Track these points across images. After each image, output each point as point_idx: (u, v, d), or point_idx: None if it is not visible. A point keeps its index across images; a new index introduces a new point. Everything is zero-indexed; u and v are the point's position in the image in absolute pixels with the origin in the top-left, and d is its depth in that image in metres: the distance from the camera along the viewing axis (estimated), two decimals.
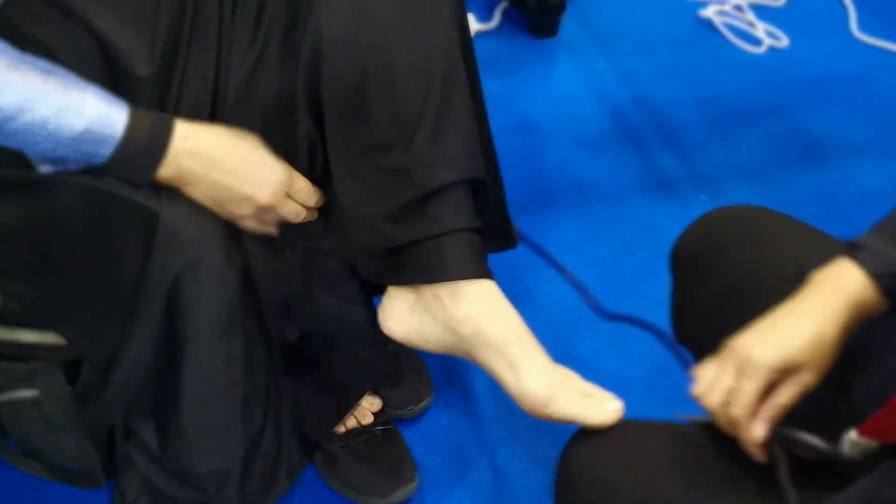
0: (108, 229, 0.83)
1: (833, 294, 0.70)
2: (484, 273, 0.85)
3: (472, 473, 1.16)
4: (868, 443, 0.68)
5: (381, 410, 1.16)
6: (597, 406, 0.79)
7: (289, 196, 0.86)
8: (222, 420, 0.93)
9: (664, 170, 1.56)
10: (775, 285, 0.75)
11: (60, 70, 0.77)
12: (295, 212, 0.87)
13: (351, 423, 1.14)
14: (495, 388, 1.17)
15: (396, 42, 0.81)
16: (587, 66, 1.73)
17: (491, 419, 1.20)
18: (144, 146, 0.79)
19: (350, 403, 1.09)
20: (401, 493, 1.11)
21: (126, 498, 1.05)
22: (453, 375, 1.24)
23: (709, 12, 1.84)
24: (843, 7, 1.88)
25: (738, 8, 1.86)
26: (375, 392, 1.16)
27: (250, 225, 0.86)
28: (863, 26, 1.83)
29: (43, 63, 0.77)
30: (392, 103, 0.81)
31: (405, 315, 0.87)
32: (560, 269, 1.37)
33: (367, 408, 1.15)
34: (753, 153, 1.59)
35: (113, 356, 0.88)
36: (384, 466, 1.12)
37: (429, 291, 0.84)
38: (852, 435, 0.68)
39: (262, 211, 0.84)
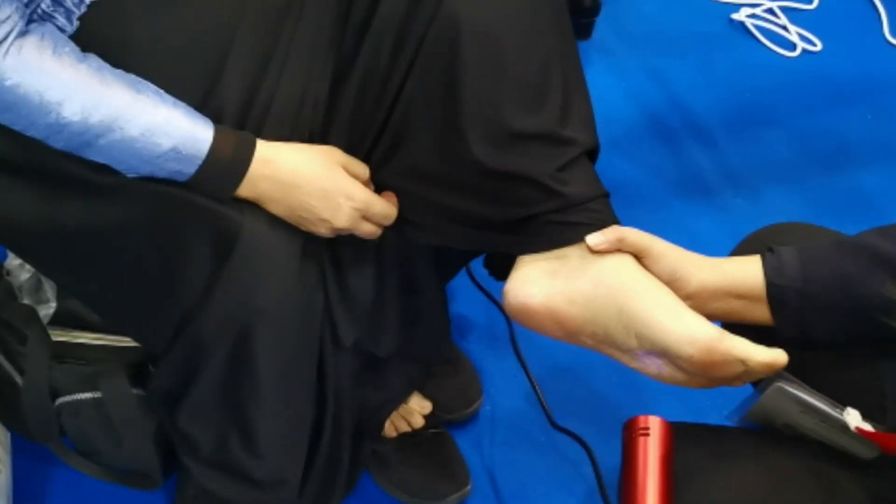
0: (183, 236, 0.83)
1: (722, 272, 0.78)
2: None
3: (518, 478, 1.17)
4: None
5: (432, 414, 1.17)
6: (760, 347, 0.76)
7: (366, 218, 0.86)
8: (292, 433, 0.94)
9: (701, 173, 1.57)
10: None
11: (151, 86, 0.78)
12: (371, 232, 0.87)
13: (402, 426, 1.15)
14: (534, 396, 1.20)
15: (517, 15, 0.81)
16: (621, 68, 1.73)
17: (537, 423, 1.21)
18: (226, 167, 0.80)
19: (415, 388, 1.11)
20: (454, 497, 1.12)
21: (185, 498, 1.06)
22: (502, 380, 1.25)
23: (740, 15, 1.84)
24: (876, 11, 1.88)
25: (770, 11, 1.86)
26: (425, 394, 1.17)
27: (328, 236, 0.87)
28: (895, 31, 1.83)
29: (134, 79, 0.78)
30: (526, 72, 0.81)
31: (546, 280, 0.82)
32: None
33: (418, 410, 1.16)
34: (789, 156, 1.60)
35: (187, 364, 0.89)
36: (437, 470, 1.13)
37: (576, 251, 0.81)
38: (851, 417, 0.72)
39: (339, 231, 0.86)
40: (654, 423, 0.76)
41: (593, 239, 0.80)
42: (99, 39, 0.79)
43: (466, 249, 0.92)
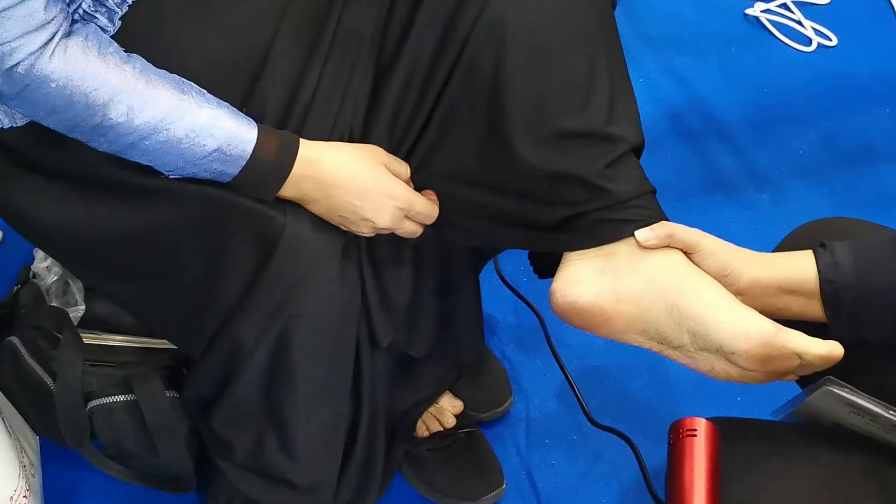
0: (226, 236, 0.82)
1: (773, 267, 0.77)
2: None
3: (553, 477, 1.16)
4: None
5: (463, 413, 1.16)
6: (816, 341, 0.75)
7: (408, 217, 0.86)
8: (329, 435, 0.94)
9: (724, 171, 1.56)
10: None
11: (194, 87, 0.78)
12: (412, 231, 0.87)
13: (434, 426, 1.15)
14: (568, 391, 1.19)
15: (563, 16, 0.80)
16: (639, 67, 1.72)
17: (571, 422, 1.21)
18: (270, 168, 0.79)
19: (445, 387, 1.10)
20: (490, 497, 1.11)
21: (218, 501, 1.05)
22: (531, 379, 1.25)
23: (755, 10, 1.83)
24: (889, 4, 1.87)
25: (784, 6, 1.86)
26: (456, 394, 1.17)
27: (368, 235, 0.86)
28: None
29: (177, 79, 0.77)
30: (572, 72, 0.80)
31: (595, 278, 0.81)
32: None
33: (450, 410, 1.16)
34: (810, 152, 1.59)
35: (225, 366, 0.88)
36: (471, 469, 1.13)
37: (624, 248, 0.80)
38: None
39: (381, 230, 0.85)
40: (701, 425, 0.75)
41: (642, 234, 0.79)
42: (140, 40, 0.78)
43: (508, 249, 0.91)
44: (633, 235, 0.80)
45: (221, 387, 0.91)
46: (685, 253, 0.80)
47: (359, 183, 0.82)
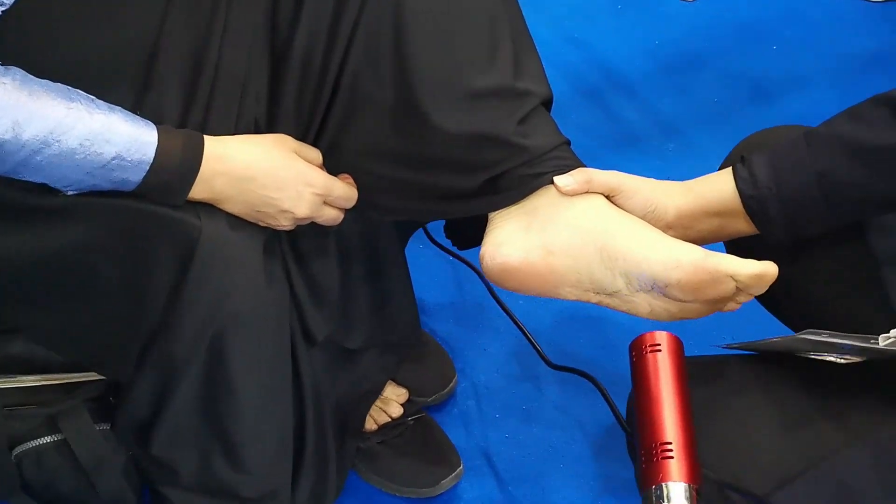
0: (141, 248, 0.78)
1: (697, 194, 0.79)
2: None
3: (510, 449, 1.15)
4: None
5: (409, 400, 1.14)
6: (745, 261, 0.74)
7: (327, 204, 0.83)
8: (277, 441, 0.90)
9: (629, 124, 1.58)
10: None
11: (82, 94, 0.73)
12: (333, 217, 0.84)
13: (382, 418, 1.12)
14: (511, 362, 1.18)
15: None
16: (533, 35, 1.72)
17: (518, 392, 1.19)
18: (176, 170, 0.75)
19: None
20: (449, 480, 1.09)
21: None
22: (472, 355, 1.23)
23: None
24: None
25: None
26: (399, 382, 1.15)
27: (288, 228, 0.83)
28: None
29: (63, 87, 0.72)
30: (473, 31, 0.79)
31: (521, 236, 0.80)
32: None
33: (395, 399, 1.13)
34: (710, 97, 1.63)
35: (158, 386, 0.84)
36: (426, 456, 1.10)
37: (546, 201, 0.79)
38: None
39: (301, 220, 0.82)
40: (664, 339, 0.74)
41: (561, 180, 0.79)
42: (18, 47, 0.72)
43: (433, 221, 0.89)
44: (552, 184, 0.79)
45: (157, 409, 0.86)
46: (607, 197, 0.79)
47: (273, 174, 0.79)
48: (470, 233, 0.92)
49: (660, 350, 0.73)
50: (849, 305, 0.80)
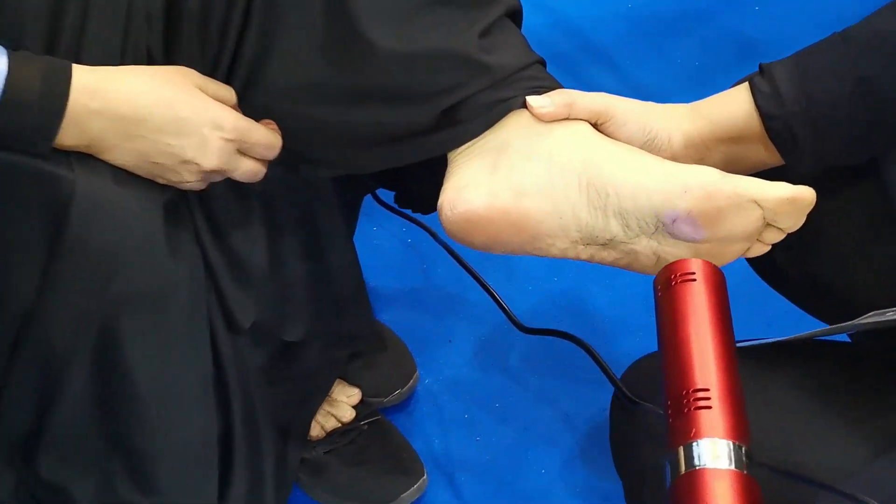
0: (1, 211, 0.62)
1: (707, 117, 0.65)
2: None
3: (481, 454, 1.02)
4: None
5: (362, 402, 1.01)
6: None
7: (242, 153, 0.67)
8: (195, 452, 0.75)
9: (604, 89, 1.45)
10: None
11: None
12: (252, 171, 0.68)
13: (330, 423, 1.00)
14: (482, 353, 1.03)
15: None
16: None
17: (489, 389, 1.05)
18: (35, 106, 0.59)
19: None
20: (411, 493, 0.97)
21: None
22: (436, 346, 1.09)
23: None
24: None
25: None
26: (350, 381, 1.01)
27: (194, 187, 0.67)
28: None
29: None
30: None
31: (487, 177, 0.65)
32: None
33: (346, 401, 1.00)
34: (690, 61, 1.52)
35: (37, 389, 0.67)
36: (383, 465, 0.98)
37: (517, 132, 0.65)
38: None
39: (210, 174, 0.66)
40: (699, 266, 0.55)
41: (536, 101, 0.65)
42: None
43: (380, 170, 0.73)
44: (525, 109, 0.65)
45: (40, 417, 0.70)
46: (595, 125, 0.65)
47: (168, 113, 0.63)
48: (427, 193, 0.76)
49: (694, 279, 0.55)
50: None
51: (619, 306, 1.06)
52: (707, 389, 0.50)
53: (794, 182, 0.60)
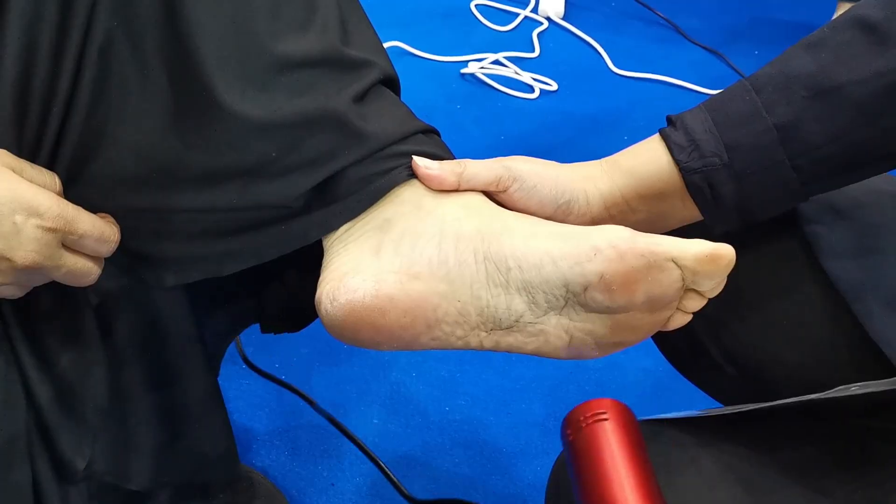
0: None
1: (626, 172, 0.57)
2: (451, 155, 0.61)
3: None
4: None
5: None
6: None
7: (66, 247, 0.55)
8: None
9: None
10: None
11: None
12: (82, 271, 0.55)
13: None
14: (368, 497, 0.91)
15: None
16: None
17: None
18: None
19: None
20: None
21: None
22: (315, 497, 0.94)
23: (470, 69, 1.78)
24: (595, 51, 1.90)
25: (498, 63, 1.82)
26: None
27: (8, 293, 0.54)
28: (618, 64, 1.85)
29: None
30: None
31: (370, 262, 0.56)
32: None
33: None
34: None
35: None
36: None
37: (402, 209, 0.56)
38: None
39: (27, 274, 0.53)
40: (609, 405, 0.50)
41: (423, 161, 0.57)
42: None
43: (241, 269, 0.61)
44: (409, 182, 0.57)
45: None
46: (495, 193, 0.57)
47: None
48: (298, 303, 0.66)
49: (606, 419, 0.49)
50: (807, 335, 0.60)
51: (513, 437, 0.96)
52: None
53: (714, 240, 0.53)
